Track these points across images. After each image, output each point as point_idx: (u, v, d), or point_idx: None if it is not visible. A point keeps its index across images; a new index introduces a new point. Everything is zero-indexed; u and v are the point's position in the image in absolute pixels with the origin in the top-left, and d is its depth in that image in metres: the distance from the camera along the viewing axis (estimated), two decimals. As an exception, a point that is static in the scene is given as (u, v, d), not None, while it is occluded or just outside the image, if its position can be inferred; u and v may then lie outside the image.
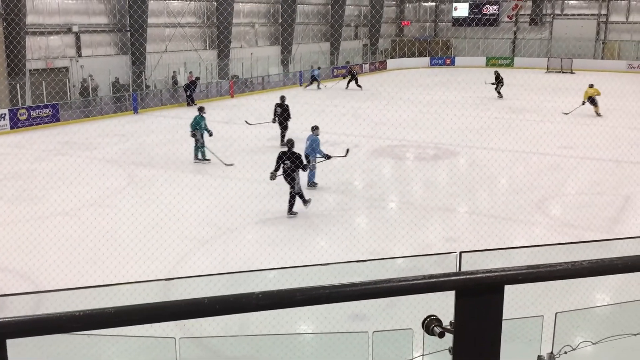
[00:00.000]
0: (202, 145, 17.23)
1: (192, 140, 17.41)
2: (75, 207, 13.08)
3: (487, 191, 14.77)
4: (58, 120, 24.58)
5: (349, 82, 34.13)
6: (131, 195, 14.21)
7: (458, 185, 14.98)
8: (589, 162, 16.93)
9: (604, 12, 45.78)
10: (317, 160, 14.56)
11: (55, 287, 8.85)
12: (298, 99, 30.71)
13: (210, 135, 17.12)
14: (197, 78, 29.78)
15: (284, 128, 18.94)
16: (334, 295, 1.59)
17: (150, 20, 30.37)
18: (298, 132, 21.72)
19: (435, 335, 1.78)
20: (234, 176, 15.63)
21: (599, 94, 23.68)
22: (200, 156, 17.44)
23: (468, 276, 1.66)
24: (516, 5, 46.80)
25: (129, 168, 16.96)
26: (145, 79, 29.92)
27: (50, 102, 25.06)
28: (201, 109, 17.50)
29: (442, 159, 17.67)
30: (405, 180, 15.88)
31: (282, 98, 19.66)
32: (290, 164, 12.53)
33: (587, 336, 3.76)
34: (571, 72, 41.57)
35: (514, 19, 47.83)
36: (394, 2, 52.73)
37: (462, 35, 50.23)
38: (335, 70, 41.13)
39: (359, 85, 33.60)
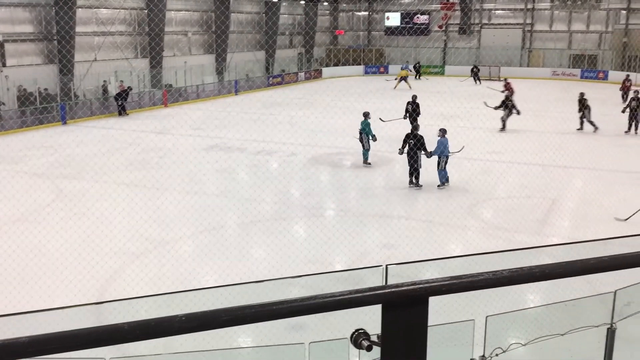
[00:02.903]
0: (367, 150, 17.71)
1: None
2: (0, 223, 12.53)
3: (422, 197, 15.06)
4: (-20, 132, 23.55)
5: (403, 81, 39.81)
6: (59, 209, 13.72)
7: (393, 192, 15.21)
8: (518, 167, 17.52)
9: (529, 21, 47.62)
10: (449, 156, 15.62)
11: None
12: (231, 108, 30.53)
13: (374, 140, 17.53)
14: (129, 88, 29.11)
15: (415, 125, 19.75)
16: (260, 314, 1.57)
17: (78, 29, 29.49)
18: (224, 141, 21.59)
19: (363, 349, 1.79)
20: (165, 189, 15.32)
21: (407, 74, 37.58)
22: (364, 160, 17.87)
23: (393, 289, 1.67)
24: (446, 15, 48.05)
25: (57, 181, 16.38)
26: (74, 88, 29.01)
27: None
28: (366, 114, 17.78)
29: (378, 166, 17.90)
30: (342, 188, 16.01)
31: (414, 97, 21.80)
32: (415, 143, 15.15)
33: (517, 338, 3.87)
34: (499, 80, 42.92)
35: (443, 29, 49.10)
36: (328, 11, 53.21)
37: (394, 43, 51.19)
38: (270, 79, 41.14)
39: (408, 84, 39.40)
